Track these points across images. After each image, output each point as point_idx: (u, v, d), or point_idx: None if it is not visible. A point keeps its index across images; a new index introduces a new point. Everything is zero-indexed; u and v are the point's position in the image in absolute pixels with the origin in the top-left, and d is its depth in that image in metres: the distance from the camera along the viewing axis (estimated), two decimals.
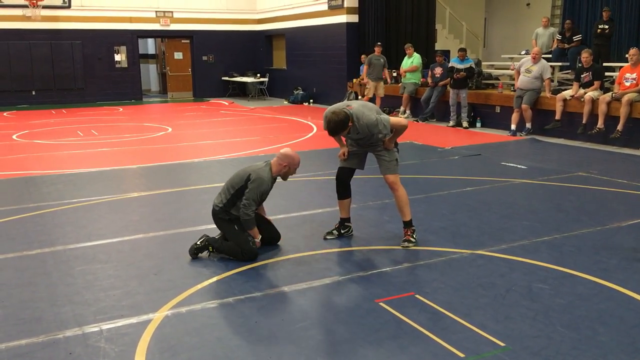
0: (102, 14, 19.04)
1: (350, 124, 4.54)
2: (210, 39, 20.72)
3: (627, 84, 9.47)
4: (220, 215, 4.68)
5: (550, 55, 12.31)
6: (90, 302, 3.84)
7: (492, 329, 3.38)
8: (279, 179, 4.81)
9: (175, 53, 21.57)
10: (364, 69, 14.30)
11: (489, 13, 19.76)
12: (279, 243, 4.92)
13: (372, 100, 13.28)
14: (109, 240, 5.11)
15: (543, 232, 5.17)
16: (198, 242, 4.64)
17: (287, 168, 4.71)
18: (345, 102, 4.81)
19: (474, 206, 6.06)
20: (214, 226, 4.85)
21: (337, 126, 4.51)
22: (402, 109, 13.77)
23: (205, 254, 4.65)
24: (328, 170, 5.10)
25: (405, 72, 13.72)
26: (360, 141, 4.80)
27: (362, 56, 15.32)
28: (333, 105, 4.74)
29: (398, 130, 4.72)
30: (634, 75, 9.41)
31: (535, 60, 10.73)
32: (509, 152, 9.41)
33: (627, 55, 9.68)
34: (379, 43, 14.24)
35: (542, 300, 3.78)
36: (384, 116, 4.66)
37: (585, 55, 10.06)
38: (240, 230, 4.61)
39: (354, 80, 16.10)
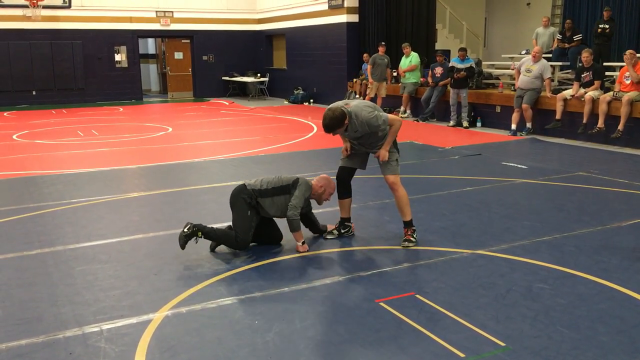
0: (103, 14, 19.04)
1: (346, 121, 4.54)
2: (210, 39, 20.72)
3: (628, 81, 9.50)
4: (244, 195, 4.67)
5: (550, 55, 12.30)
6: (90, 302, 3.84)
7: (493, 329, 3.37)
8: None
9: (176, 53, 21.58)
10: (367, 68, 14.29)
11: (489, 13, 19.76)
12: (280, 243, 4.93)
13: (373, 100, 13.27)
14: (109, 241, 5.11)
15: (544, 232, 5.17)
16: (185, 230, 4.58)
17: (323, 190, 4.90)
18: (345, 100, 4.81)
19: (475, 206, 6.06)
20: (214, 226, 4.81)
21: (331, 122, 4.52)
22: (402, 108, 13.77)
23: (194, 240, 4.58)
24: (328, 170, 5.10)
25: (404, 72, 13.71)
26: (360, 140, 4.80)
27: (365, 55, 15.30)
28: (332, 104, 4.75)
29: (395, 127, 4.70)
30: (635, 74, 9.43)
31: (536, 59, 10.72)
32: (509, 152, 9.40)
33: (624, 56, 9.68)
34: (382, 43, 14.18)
35: (543, 300, 3.78)
36: (383, 113, 4.67)
37: (586, 55, 10.05)
38: (250, 218, 4.62)
39: (354, 80, 16.09)
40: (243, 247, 4.58)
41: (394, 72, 14.70)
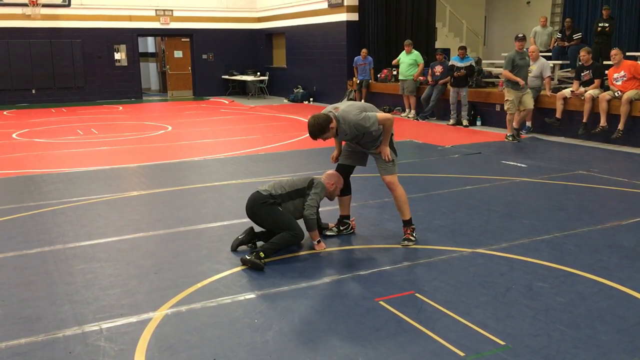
0: (102, 13, 19.02)
1: (332, 126, 4.52)
2: (210, 38, 20.70)
3: (619, 83, 9.48)
4: (263, 200, 4.68)
5: (550, 54, 12.30)
6: (90, 301, 3.84)
7: (493, 328, 3.37)
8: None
9: (175, 51, 21.57)
10: (355, 61, 13.95)
11: (489, 11, 19.75)
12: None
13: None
14: (108, 239, 5.11)
15: (543, 231, 5.17)
16: (248, 257, 4.41)
17: (334, 187, 4.90)
18: (334, 105, 4.79)
19: (474, 205, 6.06)
20: (214, 225, 4.82)
21: (314, 129, 4.51)
22: (407, 110, 13.66)
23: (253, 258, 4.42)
24: (327, 169, 5.10)
25: (417, 76, 13.38)
26: (355, 140, 4.79)
27: (364, 50, 14.81)
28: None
29: (386, 125, 4.64)
30: (622, 73, 9.44)
31: (533, 58, 10.70)
32: (509, 151, 9.40)
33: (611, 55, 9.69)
34: (520, 35, 10.04)
35: (543, 298, 3.78)
36: (373, 113, 4.61)
37: (584, 54, 10.04)
38: (283, 213, 4.67)
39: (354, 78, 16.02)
40: (301, 236, 4.69)
41: (394, 71, 14.64)
